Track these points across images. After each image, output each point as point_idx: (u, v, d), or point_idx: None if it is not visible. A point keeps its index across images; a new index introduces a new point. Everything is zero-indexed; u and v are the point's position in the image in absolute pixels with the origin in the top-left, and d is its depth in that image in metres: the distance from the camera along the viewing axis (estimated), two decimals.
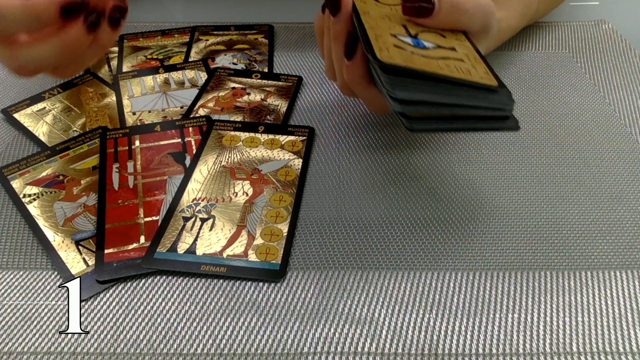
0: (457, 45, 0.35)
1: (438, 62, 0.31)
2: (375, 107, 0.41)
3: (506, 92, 0.31)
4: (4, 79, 0.52)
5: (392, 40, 0.33)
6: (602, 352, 0.29)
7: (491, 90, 0.31)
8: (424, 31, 0.36)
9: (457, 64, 0.32)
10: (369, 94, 0.38)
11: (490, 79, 0.31)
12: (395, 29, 0.35)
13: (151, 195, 0.38)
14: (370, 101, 0.40)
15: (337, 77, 0.40)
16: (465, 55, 0.34)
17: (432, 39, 0.35)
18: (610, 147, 0.43)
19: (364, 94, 0.39)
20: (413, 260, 0.34)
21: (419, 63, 0.31)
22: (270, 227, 0.36)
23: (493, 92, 0.31)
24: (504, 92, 0.31)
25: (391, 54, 0.31)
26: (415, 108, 0.31)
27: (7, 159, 0.42)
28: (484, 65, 0.33)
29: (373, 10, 0.37)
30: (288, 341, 0.29)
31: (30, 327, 0.30)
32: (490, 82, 0.31)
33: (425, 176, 0.40)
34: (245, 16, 0.62)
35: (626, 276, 0.33)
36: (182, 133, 0.44)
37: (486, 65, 0.33)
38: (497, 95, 0.31)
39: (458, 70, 0.31)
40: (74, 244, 0.35)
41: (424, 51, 0.33)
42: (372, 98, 0.39)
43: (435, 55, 0.32)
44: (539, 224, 0.36)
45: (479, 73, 0.32)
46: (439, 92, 0.30)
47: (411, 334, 0.30)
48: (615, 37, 0.58)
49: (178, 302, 0.32)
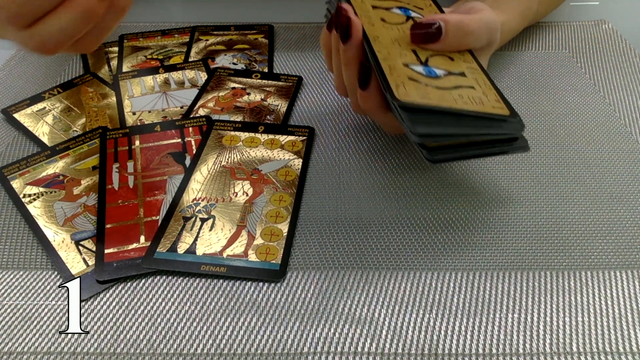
0: (467, 69, 0.36)
1: (452, 94, 0.33)
2: (390, 129, 0.41)
3: (517, 120, 0.32)
4: (4, 79, 0.52)
5: (406, 72, 0.34)
6: (602, 352, 0.29)
7: (504, 119, 0.32)
8: (432, 55, 0.36)
9: (469, 94, 0.33)
10: (385, 119, 0.38)
11: (502, 107, 0.33)
12: (406, 57, 0.35)
13: (151, 195, 0.38)
14: (386, 125, 0.40)
15: (351, 98, 0.40)
16: (475, 81, 0.35)
17: (442, 64, 0.36)
18: (610, 147, 0.43)
19: (380, 119, 0.39)
20: (413, 260, 0.34)
21: (434, 97, 0.32)
22: (270, 227, 0.36)
23: (506, 121, 0.33)
24: (516, 120, 0.32)
25: (407, 90, 0.32)
26: (434, 139, 0.32)
27: (7, 159, 0.42)
28: (494, 91, 0.34)
29: (381, 33, 0.37)
30: (288, 341, 0.29)
31: (30, 327, 0.30)
32: (503, 112, 0.33)
33: (425, 176, 0.40)
34: (245, 16, 0.62)
35: (626, 276, 0.33)
36: (182, 133, 0.44)
37: (495, 90, 0.35)
38: (509, 123, 0.33)
39: (472, 102, 0.33)
40: (74, 244, 0.35)
41: (436, 81, 0.34)
42: (387, 122, 0.39)
43: (448, 85, 0.34)
44: (539, 224, 0.36)
45: (491, 102, 0.33)
46: (456, 125, 0.32)
47: (411, 334, 0.30)
48: (615, 37, 0.58)
49: (178, 302, 0.32)
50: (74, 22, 0.32)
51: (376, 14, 0.39)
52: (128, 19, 0.46)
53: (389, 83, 0.32)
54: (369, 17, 0.38)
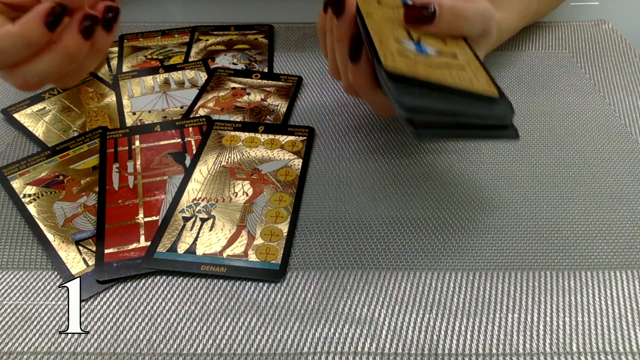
0: (458, 51, 0.36)
1: (442, 71, 0.32)
2: (381, 110, 0.41)
3: (506, 102, 0.32)
4: None
5: (396, 46, 0.34)
6: (602, 352, 0.29)
7: (492, 100, 0.32)
8: (426, 35, 0.36)
9: (459, 73, 0.33)
10: (374, 97, 0.38)
11: (491, 88, 0.32)
12: (398, 33, 0.35)
13: (151, 195, 0.38)
14: (375, 104, 0.40)
15: (342, 78, 0.40)
16: (466, 62, 0.34)
17: (434, 44, 0.35)
18: (610, 147, 0.43)
19: (370, 97, 0.39)
20: (413, 260, 0.34)
21: (423, 71, 0.31)
22: (270, 227, 0.36)
23: (494, 102, 0.32)
24: (505, 102, 0.32)
25: (396, 61, 0.32)
26: (421, 115, 0.32)
27: (7, 159, 0.42)
28: (484, 73, 0.34)
29: (376, 12, 0.37)
30: (288, 341, 0.29)
31: (30, 327, 0.30)
32: (492, 93, 0.32)
33: (425, 176, 0.40)
34: (245, 16, 0.62)
35: (626, 276, 0.33)
36: (182, 133, 0.44)
37: (486, 73, 0.34)
38: (498, 105, 0.32)
39: (461, 80, 0.32)
40: (74, 244, 0.35)
41: (426, 58, 0.33)
42: (377, 101, 0.39)
43: (438, 63, 0.33)
44: (539, 224, 0.36)
45: (480, 82, 0.33)
46: (444, 100, 0.31)
47: (411, 334, 0.30)
48: (615, 37, 0.58)
49: (178, 302, 0.32)
50: (56, 64, 0.33)
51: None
52: (128, 18, 0.46)
53: (377, 53, 0.32)
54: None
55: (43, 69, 0.34)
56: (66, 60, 0.34)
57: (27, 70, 0.34)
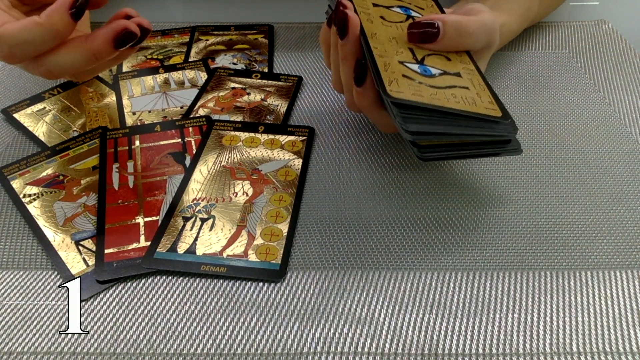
0: (462, 70, 0.36)
1: (445, 93, 0.33)
2: (385, 128, 0.41)
3: (509, 121, 0.33)
4: (4, 79, 0.52)
5: (401, 69, 0.34)
6: (602, 352, 0.29)
7: (495, 121, 0.32)
8: (430, 54, 0.36)
9: (463, 94, 0.33)
10: (379, 117, 0.38)
11: (494, 109, 0.33)
12: (402, 55, 0.35)
13: (151, 195, 0.38)
14: (379, 123, 0.40)
15: (346, 94, 0.40)
16: (470, 81, 0.35)
17: (438, 64, 0.36)
18: (610, 147, 0.43)
19: (375, 117, 0.39)
20: (413, 260, 0.34)
21: (426, 95, 0.32)
22: (270, 227, 0.36)
23: (497, 122, 0.33)
24: (507, 121, 0.32)
25: (400, 87, 0.32)
26: (426, 138, 0.33)
27: (7, 159, 0.42)
28: (488, 92, 0.34)
29: (380, 30, 0.37)
30: (288, 341, 0.29)
31: (30, 327, 0.30)
32: (495, 114, 0.33)
33: (425, 176, 0.40)
34: (245, 16, 0.62)
35: (626, 276, 0.33)
36: (182, 133, 0.44)
37: (490, 91, 0.35)
38: (500, 125, 0.33)
39: (464, 101, 0.33)
40: (74, 244, 0.35)
41: (431, 80, 0.34)
42: (381, 120, 0.39)
43: (442, 85, 0.34)
44: (539, 224, 0.36)
45: (484, 103, 0.33)
46: (448, 124, 0.32)
47: (411, 334, 0.30)
48: (615, 37, 0.58)
49: (178, 302, 0.32)
50: (81, 61, 0.35)
51: (376, 12, 0.39)
52: None
53: (382, 79, 0.32)
54: (368, 14, 0.38)
55: (68, 62, 0.35)
56: (91, 60, 0.35)
57: (52, 60, 0.35)
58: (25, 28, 0.34)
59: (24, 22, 0.34)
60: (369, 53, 0.35)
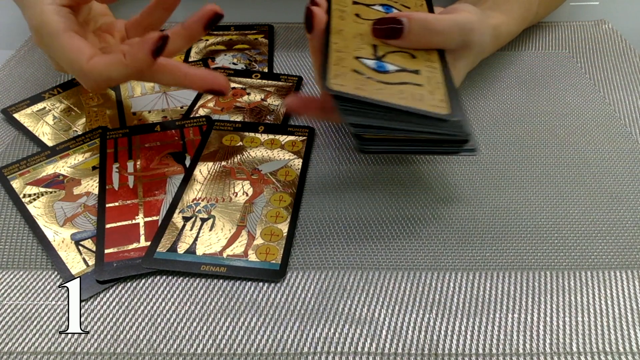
0: (425, 67, 0.36)
1: (392, 88, 0.33)
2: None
3: (455, 122, 0.32)
4: (4, 79, 0.52)
5: (354, 64, 0.34)
6: (602, 352, 0.29)
7: (440, 119, 0.32)
8: (394, 51, 0.36)
9: (413, 90, 0.33)
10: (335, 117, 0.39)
11: (442, 107, 0.32)
12: (362, 51, 0.35)
13: (151, 195, 0.38)
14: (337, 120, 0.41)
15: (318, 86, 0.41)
16: (427, 79, 0.35)
17: (399, 61, 0.36)
18: (610, 147, 0.43)
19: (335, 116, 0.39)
20: (413, 260, 0.34)
21: (370, 90, 0.32)
22: (270, 227, 0.36)
23: (442, 120, 0.32)
24: (455, 121, 0.32)
25: (344, 81, 0.32)
26: (369, 131, 0.33)
27: (7, 159, 0.42)
28: (443, 90, 0.34)
29: (348, 27, 0.37)
30: (288, 341, 0.29)
31: (30, 327, 0.30)
32: (440, 111, 0.32)
33: (426, 176, 0.40)
34: (245, 16, 0.62)
35: (626, 276, 0.33)
36: (182, 133, 0.44)
37: (447, 90, 0.34)
38: (446, 123, 0.32)
39: (411, 98, 0.32)
40: (74, 244, 0.35)
41: (383, 75, 0.34)
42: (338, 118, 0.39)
43: (394, 81, 0.34)
44: (539, 224, 0.36)
45: (434, 100, 0.33)
46: (388, 118, 0.32)
47: (411, 334, 0.30)
48: (615, 37, 0.58)
49: (178, 302, 0.32)
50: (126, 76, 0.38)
51: (354, 9, 0.39)
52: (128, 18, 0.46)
53: (327, 73, 0.33)
54: (342, 11, 0.39)
55: (115, 77, 0.38)
56: (134, 75, 0.38)
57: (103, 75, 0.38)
58: (111, 66, 0.37)
59: (111, 59, 0.38)
60: (326, 48, 0.35)
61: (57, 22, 0.39)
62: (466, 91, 0.49)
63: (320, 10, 0.37)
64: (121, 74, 0.38)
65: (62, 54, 0.39)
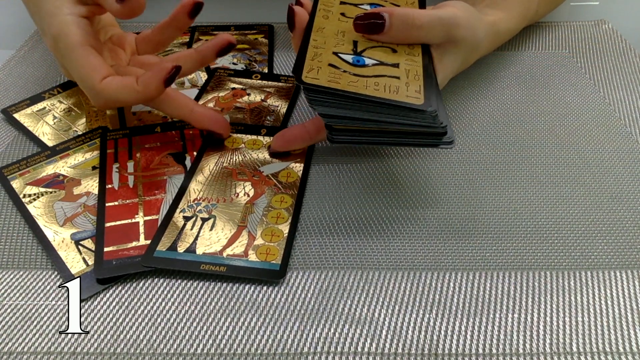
0: (405, 61, 0.36)
1: (367, 81, 0.33)
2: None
3: (430, 112, 0.32)
4: (4, 79, 0.52)
5: (330, 59, 0.34)
6: (602, 352, 0.29)
7: (414, 109, 0.32)
8: (375, 47, 0.36)
9: (388, 82, 0.33)
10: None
11: (416, 98, 0.32)
12: (341, 47, 0.36)
13: (151, 195, 0.38)
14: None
15: None
16: (405, 72, 0.35)
17: (378, 55, 0.36)
18: (610, 147, 0.43)
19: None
20: (413, 260, 0.34)
21: (343, 82, 0.32)
22: (271, 227, 0.36)
23: (416, 111, 0.32)
24: (428, 112, 0.32)
25: (318, 74, 0.33)
26: (340, 121, 0.33)
27: (7, 159, 0.42)
28: (420, 82, 0.34)
29: (330, 25, 0.38)
30: (288, 341, 0.29)
31: (30, 327, 0.30)
32: (414, 102, 0.32)
33: (426, 176, 0.40)
34: (245, 16, 0.62)
35: (626, 276, 0.33)
36: (183, 134, 0.44)
37: (424, 83, 0.34)
38: (419, 114, 0.32)
39: (385, 89, 0.33)
40: (74, 244, 0.35)
41: (359, 69, 0.34)
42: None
43: (369, 74, 0.34)
44: (539, 224, 0.36)
45: (408, 92, 0.33)
46: (360, 110, 0.32)
47: (411, 334, 0.30)
48: (615, 37, 0.58)
49: (178, 302, 0.32)
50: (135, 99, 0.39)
51: (340, 9, 0.40)
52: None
53: (302, 67, 0.33)
54: (328, 11, 0.39)
55: (124, 99, 0.39)
56: (143, 101, 0.39)
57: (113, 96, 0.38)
58: (123, 90, 0.38)
59: (123, 83, 0.38)
60: (305, 45, 0.35)
61: (76, 35, 0.39)
62: (466, 91, 0.49)
63: (301, 10, 0.38)
64: (131, 98, 0.38)
65: (77, 69, 0.39)
